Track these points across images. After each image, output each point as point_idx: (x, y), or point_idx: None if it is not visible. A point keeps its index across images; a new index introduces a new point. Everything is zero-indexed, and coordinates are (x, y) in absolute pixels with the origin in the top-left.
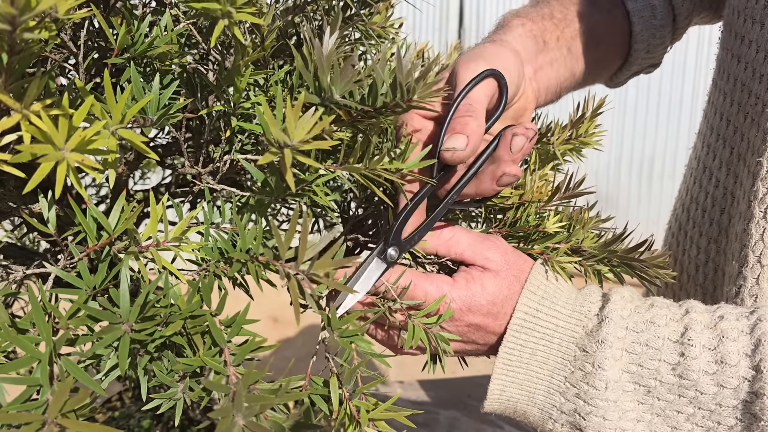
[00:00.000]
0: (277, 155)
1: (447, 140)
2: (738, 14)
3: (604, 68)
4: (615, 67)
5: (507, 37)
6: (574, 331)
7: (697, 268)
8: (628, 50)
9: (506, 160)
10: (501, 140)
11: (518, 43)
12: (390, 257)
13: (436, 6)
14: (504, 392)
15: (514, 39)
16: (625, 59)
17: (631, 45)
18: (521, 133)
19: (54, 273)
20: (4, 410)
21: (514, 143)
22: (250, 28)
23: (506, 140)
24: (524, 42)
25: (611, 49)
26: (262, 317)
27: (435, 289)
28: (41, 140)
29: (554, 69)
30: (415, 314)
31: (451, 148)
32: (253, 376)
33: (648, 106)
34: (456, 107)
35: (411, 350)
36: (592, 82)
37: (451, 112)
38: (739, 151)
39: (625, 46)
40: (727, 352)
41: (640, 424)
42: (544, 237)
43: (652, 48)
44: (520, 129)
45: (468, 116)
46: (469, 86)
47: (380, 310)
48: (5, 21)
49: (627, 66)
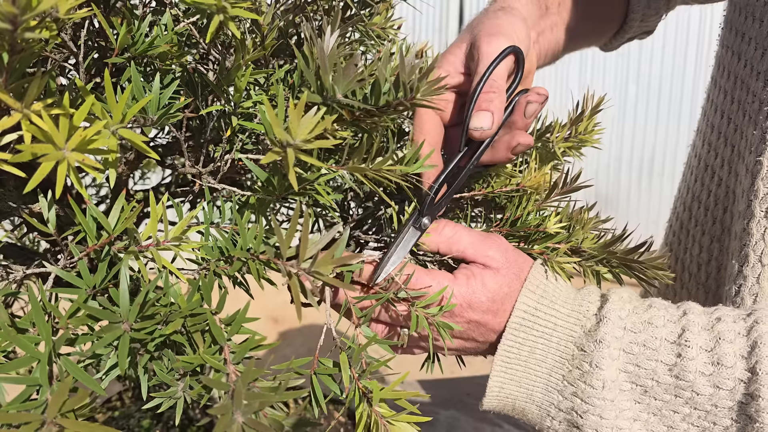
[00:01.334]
0: (279, 154)
1: (474, 119)
2: (739, 11)
3: (601, 34)
4: (610, 33)
5: (514, 3)
6: (572, 330)
7: (699, 267)
8: (624, 18)
9: (520, 126)
10: (516, 107)
11: (524, 10)
12: (424, 225)
13: (436, 6)
14: (503, 389)
15: (521, 6)
16: (620, 26)
17: (627, 13)
18: (534, 100)
19: (54, 272)
20: (3, 410)
21: (528, 110)
22: (250, 27)
23: (521, 107)
24: (529, 8)
25: (608, 16)
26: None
27: (436, 285)
28: (42, 140)
29: (554, 33)
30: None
31: (479, 128)
32: (252, 373)
33: (648, 106)
34: (482, 85)
35: (411, 349)
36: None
37: (479, 86)
38: (739, 149)
39: (622, 13)
40: (724, 353)
41: (636, 423)
42: (544, 237)
43: (646, 17)
44: (532, 96)
45: (492, 92)
46: (494, 64)
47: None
48: (6, 20)
49: (621, 33)
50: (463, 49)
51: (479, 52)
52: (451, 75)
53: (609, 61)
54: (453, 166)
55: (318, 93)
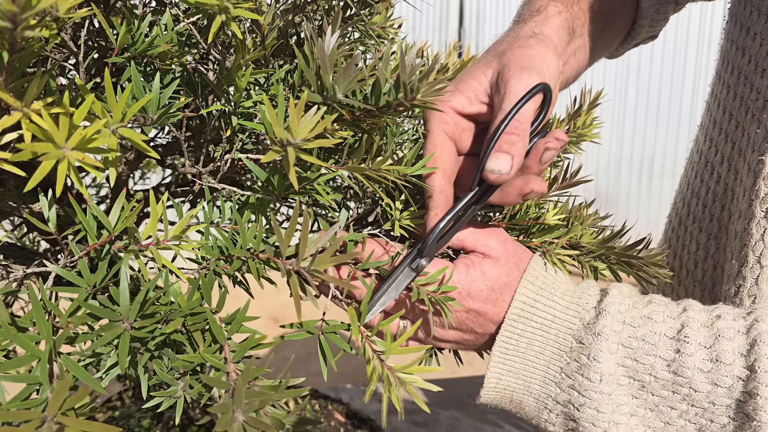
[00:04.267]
0: (280, 153)
1: (492, 160)
2: (744, 5)
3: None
4: (617, 43)
5: (546, 29)
6: (571, 322)
7: (696, 264)
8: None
9: (534, 171)
10: (532, 151)
11: (556, 37)
12: (420, 266)
13: (436, 6)
14: (500, 381)
15: (553, 32)
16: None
17: (636, 20)
18: (552, 147)
19: (54, 271)
20: (3, 408)
21: (544, 156)
22: (250, 27)
23: (538, 152)
24: (561, 35)
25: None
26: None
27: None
28: (42, 139)
29: (577, 58)
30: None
31: (497, 171)
32: (252, 372)
33: (648, 106)
34: (508, 121)
35: (409, 343)
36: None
37: (502, 125)
38: (740, 147)
39: (630, 22)
40: (723, 350)
41: (633, 419)
42: (543, 230)
43: (654, 22)
44: (552, 142)
45: (515, 135)
46: (523, 102)
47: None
48: (6, 19)
49: (629, 39)
50: (488, 76)
51: (507, 87)
52: (472, 102)
53: (609, 62)
54: (462, 206)
55: (318, 92)
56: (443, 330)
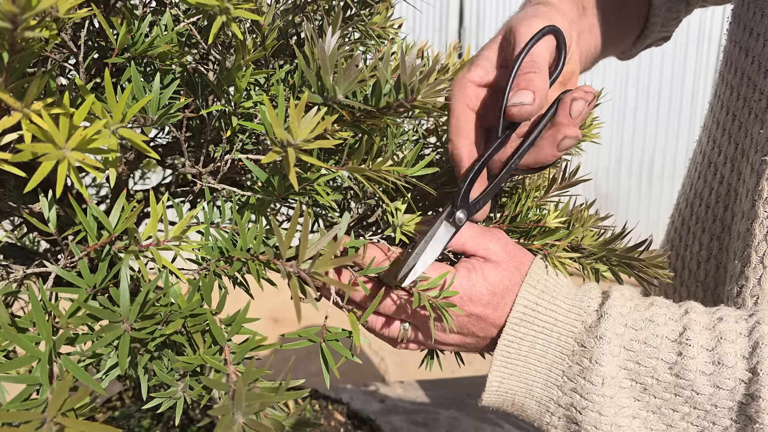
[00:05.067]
0: (280, 154)
1: (513, 96)
2: (748, 6)
3: (625, 38)
4: (631, 40)
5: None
6: (573, 325)
7: (699, 265)
8: (645, 23)
9: (566, 123)
10: (560, 105)
11: (564, 7)
12: (458, 220)
13: (436, 6)
14: (502, 384)
15: (560, 1)
16: (641, 32)
17: (649, 18)
18: (580, 96)
19: (54, 272)
20: (3, 409)
21: (573, 108)
22: (250, 27)
23: (565, 105)
24: (569, 6)
25: (633, 21)
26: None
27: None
28: (42, 139)
29: (592, 35)
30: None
31: (519, 103)
32: (252, 374)
33: (648, 107)
34: (519, 64)
35: (410, 346)
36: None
37: (515, 69)
38: (743, 148)
39: (643, 18)
40: (725, 353)
41: (635, 421)
42: (544, 233)
43: (666, 21)
44: (578, 93)
45: (532, 72)
46: (532, 42)
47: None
48: (6, 19)
49: (642, 38)
50: (498, 41)
51: (515, 37)
52: (488, 71)
53: (609, 62)
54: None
55: (319, 93)
56: (444, 334)
